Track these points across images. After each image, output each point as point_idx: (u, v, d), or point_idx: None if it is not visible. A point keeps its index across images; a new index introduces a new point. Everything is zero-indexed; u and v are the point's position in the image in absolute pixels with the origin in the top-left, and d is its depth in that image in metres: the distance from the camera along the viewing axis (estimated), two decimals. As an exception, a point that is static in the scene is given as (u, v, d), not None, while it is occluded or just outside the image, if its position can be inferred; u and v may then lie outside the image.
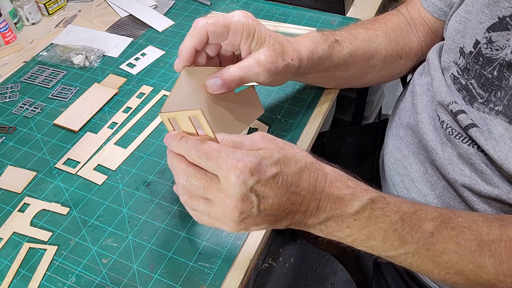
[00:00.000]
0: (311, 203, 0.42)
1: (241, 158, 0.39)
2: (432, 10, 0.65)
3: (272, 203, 0.41)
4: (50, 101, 0.77)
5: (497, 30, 0.50)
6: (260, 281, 1.33)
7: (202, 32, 0.49)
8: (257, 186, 0.39)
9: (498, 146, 0.49)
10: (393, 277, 0.70)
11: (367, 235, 0.43)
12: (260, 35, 0.52)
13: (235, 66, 0.51)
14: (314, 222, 0.43)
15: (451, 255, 0.43)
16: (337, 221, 0.43)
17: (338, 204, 0.42)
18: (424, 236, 0.44)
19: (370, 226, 0.43)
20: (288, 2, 0.94)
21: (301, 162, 0.42)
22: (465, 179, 0.53)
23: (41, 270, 0.55)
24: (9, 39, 0.91)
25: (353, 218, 0.43)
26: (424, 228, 0.44)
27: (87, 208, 0.61)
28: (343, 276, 1.34)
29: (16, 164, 0.67)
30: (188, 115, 0.41)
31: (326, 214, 0.43)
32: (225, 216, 0.41)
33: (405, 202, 0.45)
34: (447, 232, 0.44)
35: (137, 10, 0.97)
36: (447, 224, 0.44)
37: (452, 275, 0.44)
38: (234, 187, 0.39)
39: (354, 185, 0.44)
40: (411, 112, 0.63)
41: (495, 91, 0.51)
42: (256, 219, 0.41)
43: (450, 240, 0.44)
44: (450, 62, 0.58)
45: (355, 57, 0.62)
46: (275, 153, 0.41)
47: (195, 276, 0.53)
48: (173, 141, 0.43)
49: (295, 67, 0.55)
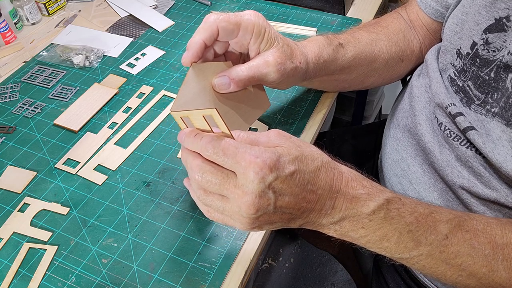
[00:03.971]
0: (327, 202, 0.42)
1: (260, 155, 0.38)
2: (429, 11, 0.65)
3: (289, 200, 0.40)
4: (50, 101, 0.77)
5: (494, 31, 0.50)
6: (260, 281, 1.33)
7: (213, 27, 0.49)
8: (275, 183, 0.39)
9: (496, 149, 0.49)
10: (393, 277, 0.70)
11: (381, 236, 0.43)
12: (270, 36, 0.51)
13: (243, 65, 0.51)
14: (329, 222, 0.43)
15: (464, 258, 0.43)
16: (352, 221, 0.43)
17: (354, 203, 0.42)
18: (439, 238, 0.43)
19: (384, 227, 0.43)
20: (288, 2, 0.94)
21: (318, 161, 0.42)
22: (463, 181, 0.53)
23: (41, 270, 0.55)
24: (9, 39, 0.91)
25: (368, 218, 0.42)
26: (439, 230, 0.43)
27: (87, 208, 0.61)
28: (343, 276, 1.34)
29: (16, 164, 0.67)
30: (202, 114, 0.41)
31: (342, 213, 0.42)
32: (240, 213, 0.40)
33: (420, 204, 0.45)
34: (461, 235, 0.44)
35: (137, 10, 0.97)
36: (462, 226, 0.44)
37: (465, 277, 0.44)
38: (252, 183, 0.38)
39: (369, 185, 0.44)
40: (409, 114, 0.63)
41: (491, 93, 0.50)
42: (271, 217, 0.41)
43: (464, 243, 0.43)
44: (447, 64, 0.58)
45: (359, 60, 0.62)
46: (293, 150, 0.40)
47: (195, 276, 0.53)
48: (187, 138, 0.42)
49: (302, 70, 0.55)
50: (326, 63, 0.59)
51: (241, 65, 0.51)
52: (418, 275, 0.64)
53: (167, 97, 0.76)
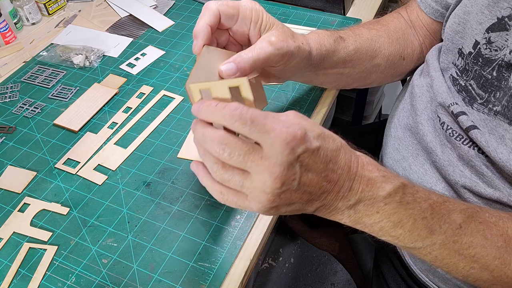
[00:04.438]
0: (345, 183, 0.41)
1: (290, 126, 0.37)
2: (428, 11, 0.65)
3: (312, 178, 0.39)
4: (50, 101, 0.77)
5: (496, 30, 0.50)
6: (260, 281, 1.33)
7: (215, 10, 0.49)
8: (303, 157, 0.38)
9: (499, 148, 0.49)
10: (393, 277, 0.70)
11: (395, 222, 0.42)
12: (269, 19, 0.52)
13: (247, 49, 0.50)
14: (344, 206, 0.42)
15: (478, 249, 0.43)
16: (367, 204, 0.42)
17: (370, 186, 0.41)
18: (452, 227, 0.43)
19: (399, 213, 0.42)
20: (288, 2, 0.94)
21: (338, 141, 0.41)
22: (465, 180, 0.53)
23: (41, 270, 0.55)
24: (9, 39, 0.91)
25: (384, 202, 0.42)
26: (453, 219, 0.43)
27: (87, 208, 0.61)
28: (343, 276, 1.34)
29: (16, 164, 0.67)
30: (229, 85, 0.38)
31: (358, 196, 0.41)
32: (263, 189, 0.38)
33: (433, 192, 0.45)
34: (474, 225, 0.43)
35: (137, 10, 0.97)
36: (475, 217, 0.44)
37: (477, 270, 0.44)
38: (281, 154, 0.36)
39: (384, 169, 0.43)
40: (410, 113, 0.63)
41: (494, 92, 0.51)
42: (292, 195, 0.39)
43: (477, 234, 0.43)
44: (449, 63, 0.58)
45: (360, 54, 0.62)
46: (315, 128, 0.40)
47: (195, 276, 0.53)
48: (207, 108, 0.39)
49: (306, 52, 0.54)
50: (328, 52, 0.59)
51: (244, 50, 0.50)
52: (419, 274, 0.64)
53: (167, 97, 0.76)
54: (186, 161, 0.66)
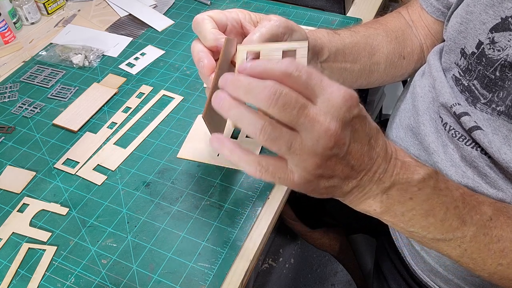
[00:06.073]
0: (382, 164, 0.40)
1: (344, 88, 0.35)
2: (430, 10, 0.65)
3: (357, 149, 0.37)
4: (49, 101, 0.77)
5: (500, 30, 0.50)
6: (260, 281, 1.33)
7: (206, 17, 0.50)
8: (355, 121, 0.36)
9: (502, 149, 0.49)
10: (394, 277, 0.70)
11: (427, 210, 0.41)
12: (258, 14, 0.52)
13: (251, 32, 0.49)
14: (378, 189, 0.40)
15: (507, 243, 0.43)
16: (401, 189, 0.41)
17: (404, 169, 0.41)
18: (483, 219, 0.43)
19: (433, 199, 0.41)
20: (288, 1, 0.93)
21: (374, 124, 0.40)
22: (468, 181, 0.53)
23: (41, 270, 0.55)
24: (8, 39, 0.90)
25: (418, 186, 0.41)
26: (484, 210, 0.43)
27: (86, 208, 0.61)
28: (343, 276, 1.34)
29: (15, 164, 0.67)
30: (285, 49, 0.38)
31: (393, 178, 0.40)
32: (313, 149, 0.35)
33: (461, 186, 0.45)
34: (504, 219, 0.43)
35: (136, 9, 0.97)
36: (503, 212, 0.44)
37: (505, 266, 0.43)
38: (339, 110, 0.35)
39: (414, 158, 0.43)
40: (412, 114, 0.63)
41: (498, 92, 0.50)
42: (337, 164, 0.37)
43: (507, 227, 0.43)
44: (451, 63, 0.58)
45: (358, 49, 0.62)
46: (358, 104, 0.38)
47: (195, 277, 0.53)
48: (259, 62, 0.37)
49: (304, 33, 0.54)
50: (323, 43, 0.58)
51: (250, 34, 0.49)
52: (420, 274, 0.64)
53: (166, 96, 0.76)
54: (186, 161, 0.65)
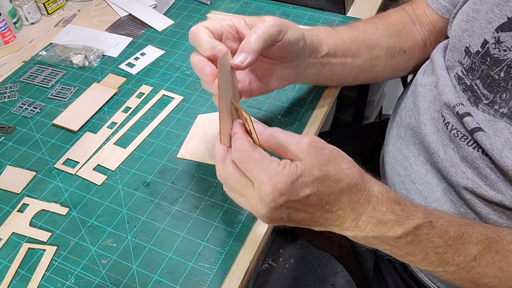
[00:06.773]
0: (347, 222, 0.42)
1: (273, 177, 0.39)
2: (436, 7, 0.65)
3: (304, 216, 0.41)
4: (49, 101, 0.77)
5: (506, 30, 0.50)
6: (260, 281, 1.33)
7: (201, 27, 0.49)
8: (287, 204, 0.40)
9: (504, 151, 0.48)
10: (393, 278, 0.69)
11: (407, 253, 0.44)
12: (252, 17, 0.52)
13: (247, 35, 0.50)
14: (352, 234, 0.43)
15: (491, 279, 0.44)
16: (377, 239, 0.43)
17: (379, 227, 0.42)
18: (467, 260, 0.44)
19: (411, 248, 0.43)
20: (288, 1, 0.93)
21: (342, 183, 0.41)
22: (467, 182, 0.53)
23: (40, 270, 0.55)
24: (8, 39, 0.90)
25: (394, 241, 0.43)
26: (468, 252, 0.44)
27: (86, 208, 0.61)
28: (343, 276, 1.34)
29: (15, 164, 0.67)
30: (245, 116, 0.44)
31: (366, 233, 0.42)
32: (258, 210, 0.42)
33: (452, 225, 0.45)
34: (490, 257, 0.44)
35: (136, 9, 0.97)
36: (492, 248, 0.44)
37: None
38: (267, 198, 0.40)
39: (400, 210, 0.43)
40: (413, 113, 0.62)
41: (500, 93, 0.50)
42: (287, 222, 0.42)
43: (492, 265, 0.44)
44: (454, 62, 0.57)
45: (358, 44, 0.62)
46: (315, 171, 0.40)
47: (195, 277, 0.53)
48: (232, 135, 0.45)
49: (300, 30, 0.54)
50: (320, 40, 0.59)
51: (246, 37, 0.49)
52: (419, 274, 0.64)
53: (166, 97, 0.76)
54: (186, 161, 0.65)
